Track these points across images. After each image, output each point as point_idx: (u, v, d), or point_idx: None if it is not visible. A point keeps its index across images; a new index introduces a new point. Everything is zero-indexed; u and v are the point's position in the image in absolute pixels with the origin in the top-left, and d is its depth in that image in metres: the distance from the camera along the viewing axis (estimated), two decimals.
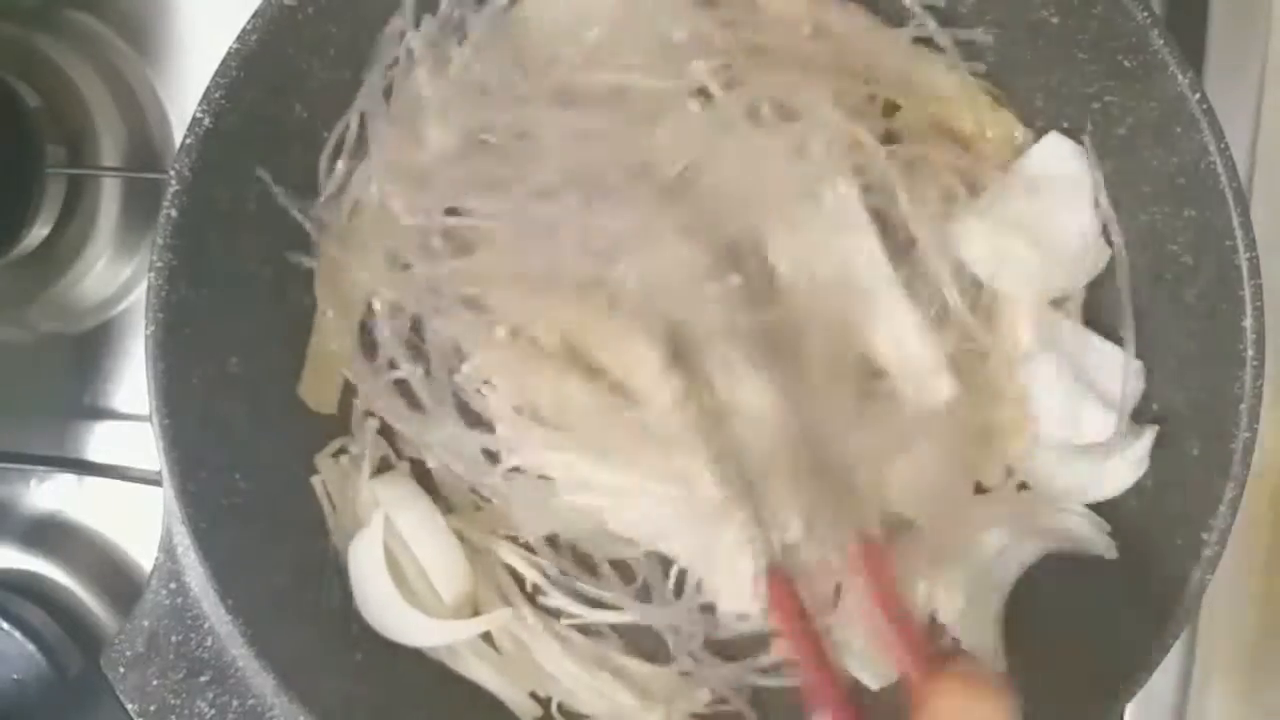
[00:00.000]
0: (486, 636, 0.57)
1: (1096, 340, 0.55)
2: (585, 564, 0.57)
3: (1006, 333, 0.55)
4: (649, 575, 0.56)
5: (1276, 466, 0.63)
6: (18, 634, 0.64)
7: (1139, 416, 0.55)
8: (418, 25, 0.54)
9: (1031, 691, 0.54)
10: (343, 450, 0.58)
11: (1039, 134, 0.56)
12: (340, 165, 0.56)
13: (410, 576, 0.56)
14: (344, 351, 0.57)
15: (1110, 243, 0.54)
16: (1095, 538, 0.54)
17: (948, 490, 0.55)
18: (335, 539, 0.57)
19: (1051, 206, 0.54)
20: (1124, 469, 0.54)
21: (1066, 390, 0.54)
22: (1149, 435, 0.54)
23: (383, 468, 0.58)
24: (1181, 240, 0.52)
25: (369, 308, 0.56)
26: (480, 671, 0.57)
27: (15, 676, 0.64)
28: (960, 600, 0.54)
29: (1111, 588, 0.54)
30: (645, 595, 0.56)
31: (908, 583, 0.53)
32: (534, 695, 0.58)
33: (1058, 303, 0.56)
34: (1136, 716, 0.62)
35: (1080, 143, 0.55)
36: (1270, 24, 0.63)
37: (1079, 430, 0.54)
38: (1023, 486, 0.57)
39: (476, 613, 0.57)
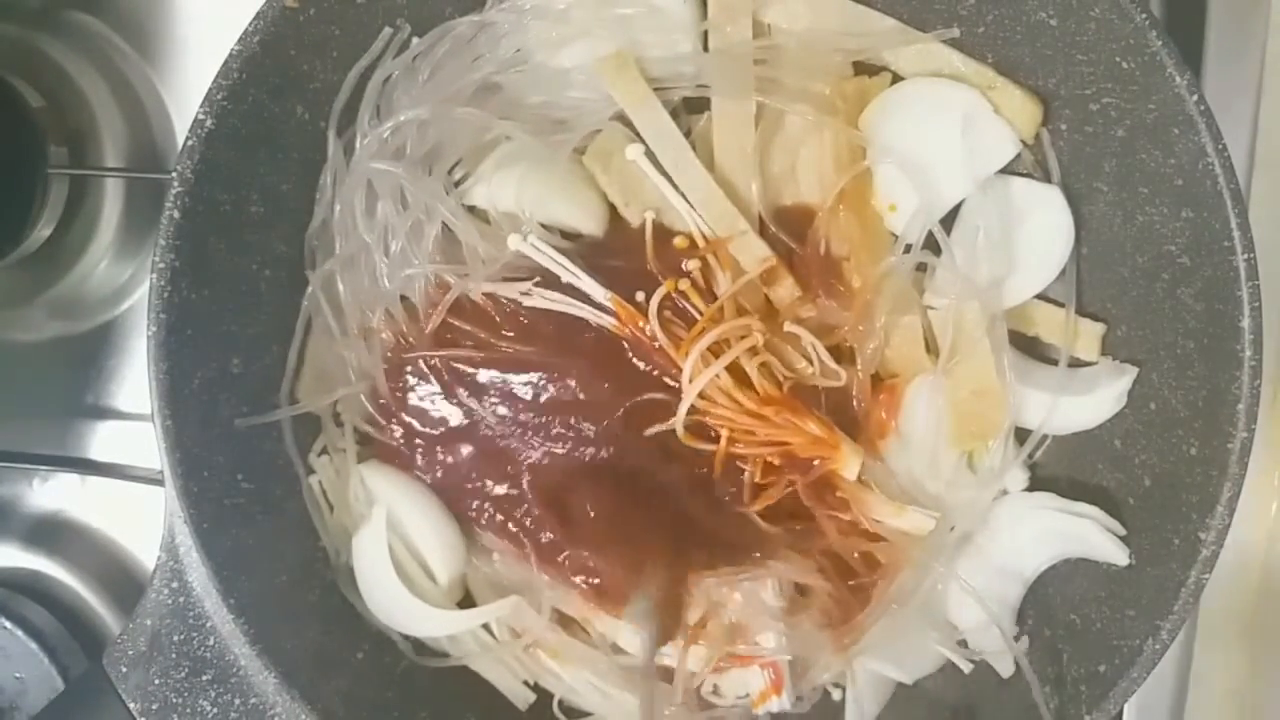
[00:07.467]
0: (485, 625, 0.58)
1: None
2: None
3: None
4: None
5: None
6: (20, 633, 0.64)
7: (1134, 403, 0.55)
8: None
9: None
10: (324, 451, 0.58)
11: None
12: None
13: (406, 564, 0.56)
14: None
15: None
16: (1109, 545, 0.54)
17: None
18: (325, 540, 0.57)
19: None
20: (1104, 403, 0.56)
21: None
22: (1129, 374, 0.55)
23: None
24: (1179, 241, 0.52)
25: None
26: (479, 658, 0.58)
27: (17, 675, 0.64)
28: (976, 602, 0.55)
29: (1111, 587, 0.54)
30: None
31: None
32: (525, 683, 0.58)
33: None
34: (1135, 714, 0.62)
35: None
36: (1269, 26, 0.63)
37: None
38: (1035, 488, 0.58)
39: (468, 594, 0.58)
